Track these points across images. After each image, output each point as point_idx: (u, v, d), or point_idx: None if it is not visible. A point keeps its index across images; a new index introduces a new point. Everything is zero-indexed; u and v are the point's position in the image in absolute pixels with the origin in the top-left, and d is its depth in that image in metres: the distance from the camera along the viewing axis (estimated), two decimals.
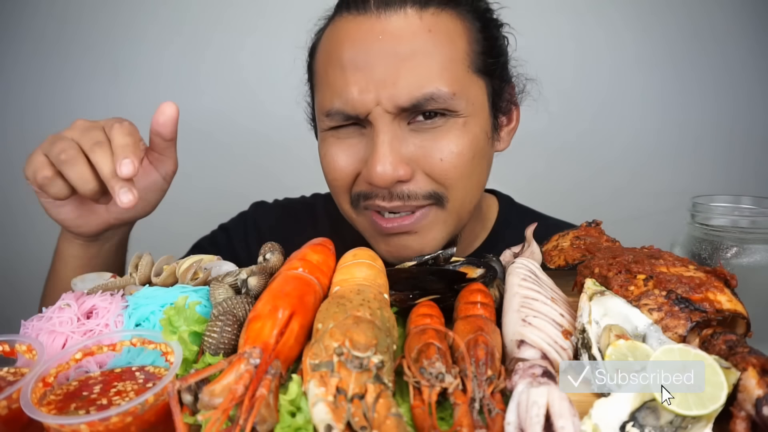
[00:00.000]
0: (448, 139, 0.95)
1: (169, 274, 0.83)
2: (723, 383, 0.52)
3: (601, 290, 0.71)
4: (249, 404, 0.51)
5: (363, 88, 0.91)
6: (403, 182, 0.95)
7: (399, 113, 0.92)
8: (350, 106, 0.93)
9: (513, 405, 0.53)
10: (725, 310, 0.64)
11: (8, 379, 0.61)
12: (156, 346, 0.64)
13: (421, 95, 0.90)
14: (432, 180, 0.96)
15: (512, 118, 1.12)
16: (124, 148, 0.75)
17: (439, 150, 0.94)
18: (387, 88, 0.90)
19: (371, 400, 0.52)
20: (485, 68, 1.00)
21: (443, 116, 0.94)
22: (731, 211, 0.90)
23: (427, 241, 1.01)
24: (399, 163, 0.92)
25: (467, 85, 0.96)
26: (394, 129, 0.93)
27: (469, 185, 1.00)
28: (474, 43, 0.98)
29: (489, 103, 1.02)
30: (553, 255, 0.93)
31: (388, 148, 0.91)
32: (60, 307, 0.73)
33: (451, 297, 0.77)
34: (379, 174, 0.91)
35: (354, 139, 0.98)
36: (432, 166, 0.95)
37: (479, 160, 1.00)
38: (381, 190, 0.95)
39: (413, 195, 0.96)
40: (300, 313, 0.64)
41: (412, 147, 0.94)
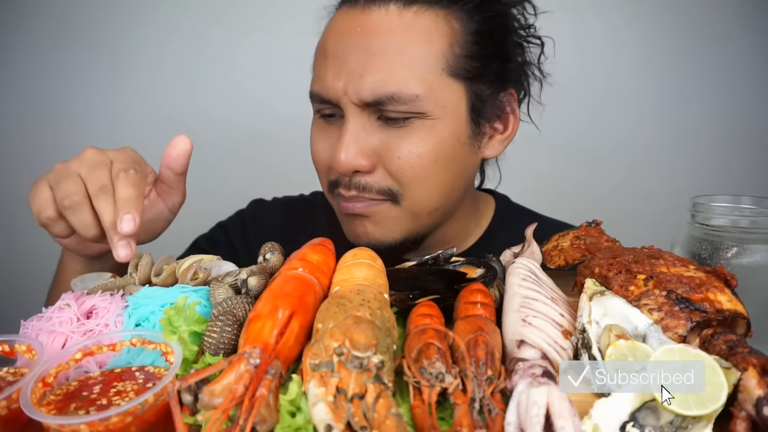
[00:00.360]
0: (410, 139, 0.96)
1: (169, 274, 0.83)
2: (723, 383, 0.52)
3: (601, 290, 0.71)
4: (249, 404, 0.51)
5: (335, 75, 0.96)
6: (363, 174, 0.98)
7: (365, 107, 0.95)
8: (324, 90, 0.98)
9: (513, 405, 0.53)
10: (725, 310, 0.64)
11: (8, 379, 0.61)
12: (156, 346, 0.64)
13: (383, 93, 0.93)
14: (389, 176, 0.98)
15: (508, 126, 1.09)
16: (127, 202, 0.72)
17: (399, 148, 0.96)
18: (354, 81, 0.94)
19: (371, 400, 0.52)
20: (466, 73, 0.98)
21: (405, 120, 0.96)
22: (731, 211, 0.90)
23: (384, 231, 1.03)
24: (360, 154, 0.96)
25: (437, 88, 0.96)
26: (362, 120, 0.96)
27: (427, 188, 1.00)
28: (456, 46, 0.97)
29: (467, 108, 1.00)
30: (553, 255, 0.93)
31: (353, 138, 0.95)
32: (60, 307, 0.73)
33: (451, 297, 0.77)
34: (339, 161, 0.95)
35: (334, 129, 1.02)
36: (390, 162, 0.97)
37: (443, 165, 0.99)
38: (343, 177, 0.99)
39: (368, 187, 0.99)
40: (300, 313, 0.64)
41: (377, 141, 0.97)
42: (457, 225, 1.17)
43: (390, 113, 0.95)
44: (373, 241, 1.03)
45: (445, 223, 1.13)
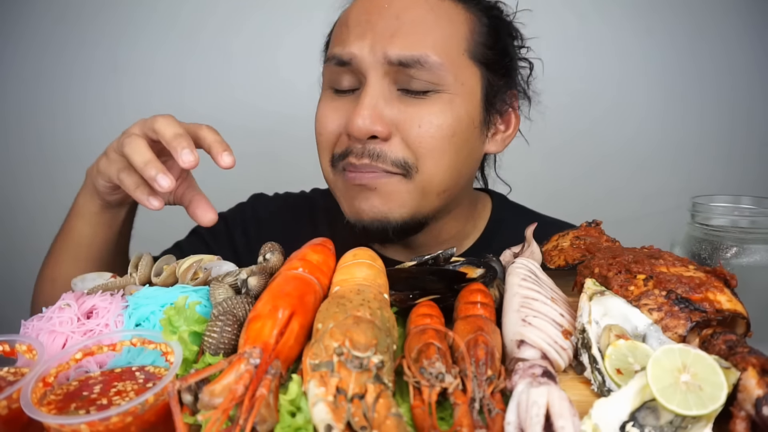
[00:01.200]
0: (430, 110, 0.97)
1: (169, 274, 0.83)
2: (723, 383, 0.52)
3: (601, 290, 0.71)
4: (249, 404, 0.51)
5: (361, 36, 0.97)
6: (378, 141, 0.97)
7: (388, 69, 0.96)
8: (346, 50, 0.98)
9: (513, 405, 0.53)
10: (725, 310, 0.64)
11: (8, 379, 0.61)
12: (156, 346, 0.64)
13: (410, 55, 0.94)
14: (406, 147, 0.98)
15: (510, 125, 1.13)
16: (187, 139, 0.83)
17: (419, 117, 0.97)
18: (382, 41, 0.95)
19: (371, 400, 0.52)
20: (483, 58, 1.03)
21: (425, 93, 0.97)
22: (731, 211, 0.90)
23: (391, 206, 1.00)
24: (378, 119, 0.95)
25: (459, 65, 0.99)
26: (383, 87, 0.97)
27: (441, 162, 0.99)
28: (476, 33, 1.02)
29: (482, 93, 1.03)
30: (553, 255, 0.93)
31: (372, 102, 0.96)
32: (60, 307, 0.73)
33: (451, 297, 0.77)
34: (356, 124, 0.94)
35: (347, 101, 1.02)
36: (409, 131, 0.97)
37: (459, 142, 1.00)
38: (355, 145, 0.98)
39: (383, 156, 0.97)
40: (300, 313, 0.64)
41: (396, 110, 0.97)
42: (456, 224, 1.17)
43: (413, 81, 0.96)
44: (378, 216, 1.01)
45: (443, 221, 1.12)
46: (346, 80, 1.01)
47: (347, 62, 0.98)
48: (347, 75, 1.01)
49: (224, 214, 1.37)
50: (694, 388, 0.53)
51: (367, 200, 1.01)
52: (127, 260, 1.08)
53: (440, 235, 1.15)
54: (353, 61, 0.98)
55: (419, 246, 1.14)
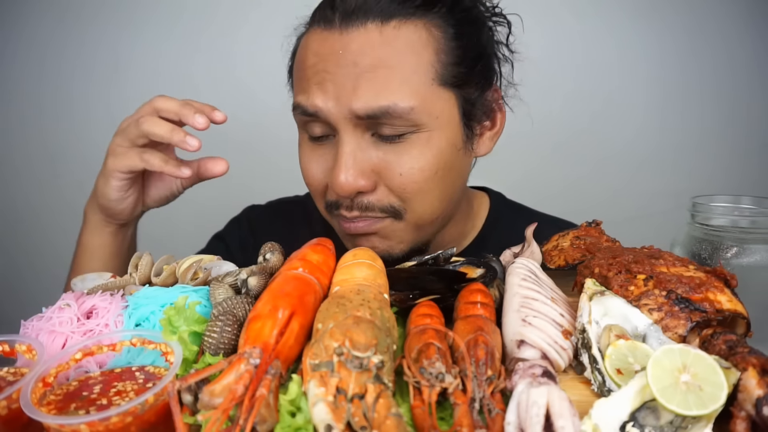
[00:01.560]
0: (409, 154, 0.94)
1: (169, 274, 0.83)
2: (723, 383, 0.52)
3: (601, 290, 0.71)
4: (249, 404, 0.51)
5: (320, 86, 0.93)
6: (365, 194, 0.96)
7: (358, 123, 0.93)
8: (310, 102, 0.94)
9: (513, 405, 0.53)
10: (725, 310, 0.64)
11: (8, 379, 0.61)
12: (156, 346, 0.64)
13: (378, 107, 0.90)
14: (391, 193, 0.97)
15: (496, 122, 1.08)
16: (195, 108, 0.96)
17: (399, 165, 0.94)
18: (345, 97, 0.91)
19: (371, 400, 0.52)
20: (455, 80, 0.97)
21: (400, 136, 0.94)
22: (731, 211, 0.90)
23: (391, 244, 1.02)
24: (359, 174, 0.93)
25: (430, 99, 0.94)
26: (357, 138, 0.94)
27: (428, 200, 0.99)
28: (442, 54, 0.95)
29: (459, 115, 0.99)
30: (553, 255, 0.93)
31: (351, 159, 0.93)
32: (60, 307, 0.73)
33: (451, 297, 0.77)
34: (340, 184, 0.93)
35: (326, 149, 0.99)
36: (391, 180, 0.95)
37: (445, 174, 0.99)
38: (344, 199, 0.97)
39: (371, 207, 0.97)
40: (300, 313, 0.64)
41: (375, 159, 0.95)
42: (455, 228, 1.17)
43: (385, 129, 0.93)
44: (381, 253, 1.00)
45: (443, 229, 1.13)
46: (317, 128, 0.98)
47: (313, 114, 0.95)
48: (317, 124, 0.97)
49: (221, 234, 1.37)
50: (694, 388, 0.53)
51: (368, 242, 1.02)
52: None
53: (442, 240, 1.15)
54: (320, 114, 0.94)
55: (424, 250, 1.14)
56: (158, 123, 0.92)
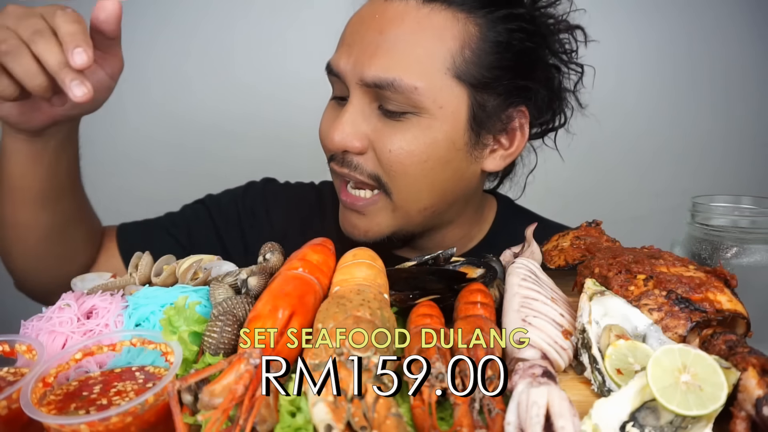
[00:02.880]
0: (404, 135, 0.96)
1: (169, 274, 0.83)
2: (723, 383, 0.52)
3: (601, 290, 0.71)
4: (249, 404, 0.51)
5: (348, 53, 0.98)
6: (354, 154, 1.00)
7: (367, 91, 0.96)
8: (335, 64, 1.00)
9: (513, 405, 0.53)
10: (725, 310, 0.64)
11: (8, 379, 0.61)
12: (156, 346, 0.64)
13: (384, 78, 0.93)
14: (378, 164, 0.99)
15: (513, 142, 1.06)
16: (74, 36, 0.67)
17: (391, 141, 0.97)
18: (361, 61, 0.95)
19: (371, 400, 0.52)
20: (472, 78, 0.96)
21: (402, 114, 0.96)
22: (731, 211, 0.90)
23: (372, 225, 1.04)
24: (353, 136, 0.97)
25: (438, 86, 0.95)
26: (363, 104, 0.98)
27: (415, 186, 1.00)
28: (468, 50, 0.95)
29: (468, 114, 0.98)
30: (553, 255, 0.93)
31: (350, 118, 0.98)
32: (60, 307, 0.73)
33: (451, 297, 0.77)
34: (332, 138, 0.98)
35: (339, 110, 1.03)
36: (381, 152, 0.98)
37: (436, 167, 0.98)
38: (337, 153, 1.01)
39: (360, 168, 1.00)
40: (300, 313, 0.64)
41: (372, 128, 0.98)
42: (460, 230, 1.17)
43: (389, 103, 0.96)
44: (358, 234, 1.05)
45: (446, 229, 1.13)
46: (339, 89, 1.03)
47: (336, 74, 1.00)
48: (338, 84, 1.02)
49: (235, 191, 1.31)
50: (694, 389, 0.53)
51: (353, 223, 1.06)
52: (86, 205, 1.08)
53: (444, 241, 1.15)
54: (340, 76, 0.99)
55: (426, 249, 1.14)
56: (29, 63, 0.69)
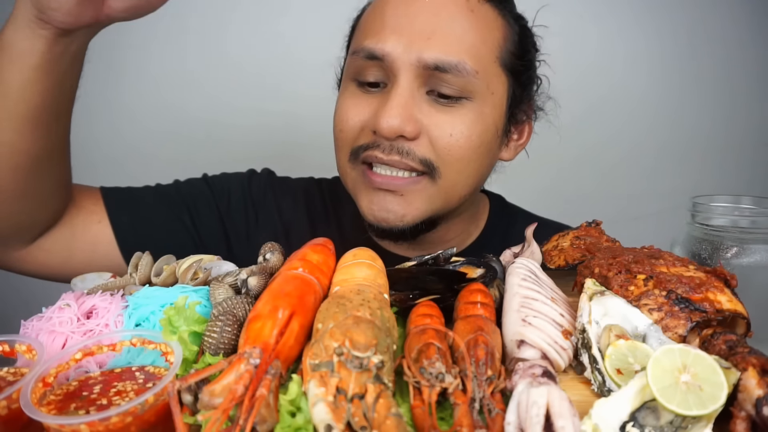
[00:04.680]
0: (462, 119, 0.96)
1: (169, 274, 0.83)
2: (723, 383, 0.52)
3: (601, 290, 0.71)
4: (249, 404, 0.51)
5: (398, 33, 0.94)
6: (405, 139, 0.96)
7: (421, 72, 0.93)
8: (379, 46, 0.94)
9: (513, 405, 0.53)
10: (725, 310, 0.64)
11: (8, 379, 0.61)
12: (156, 346, 0.64)
13: (447, 60, 0.92)
14: (432, 149, 0.97)
15: (523, 134, 1.14)
16: None
17: (451, 126, 0.96)
18: (419, 41, 0.93)
19: (371, 400, 0.52)
20: (512, 68, 1.02)
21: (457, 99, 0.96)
22: (731, 211, 0.90)
23: (410, 209, 1.00)
24: (408, 119, 0.93)
25: (491, 73, 0.98)
26: (412, 88, 0.95)
27: (465, 171, 1.00)
28: (508, 41, 1.01)
29: (507, 102, 1.03)
30: (553, 255, 0.93)
31: (402, 101, 0.93)
32: (60, 307, 0.73)
33: (451, 297, 0.77)
34: (387, 122, 0.92)
35: (372, 97, 0.99)
36: (439, 137, 0.96)
37: (483, 152, 1.01)
38: (383, 141, 0.96)
39: (412, 154, 0.96)
40: (300, 313, 0.64)
41: (425, 113, 0.96)
42: (461, 225, 1.18)
43: (444, 87, 0.94)
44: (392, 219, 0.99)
45: (452, 222, 1.13)
46: (372, 74, 0.98)
47: (379, 57, 0.95)
48: (374, 69, 0.97)
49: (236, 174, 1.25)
50: (694, 388, 0.53)
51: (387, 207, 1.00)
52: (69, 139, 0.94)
53: (447, 234, 1.16)
54: (386, 59, 0.94)
55: (426, 243, 1.14)
56: None
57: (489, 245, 1.19)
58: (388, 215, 1.00)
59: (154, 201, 1.12)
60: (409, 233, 1.02)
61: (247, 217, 1.20)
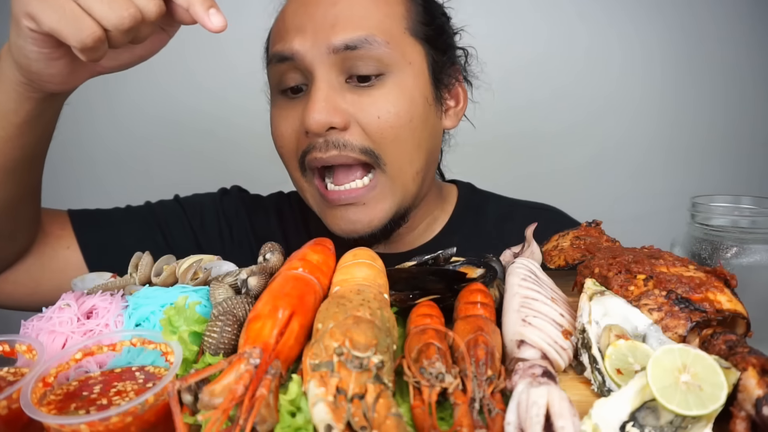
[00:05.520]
0: (386, 98, 0.96)
1: (169, 274, 0.83)
2: (723, 383, 0.52)
3: (601, 290, 0.71)
4: (249, 404, 0.51)
5: (298, 28, 0.95)
6: (337, 131, 0.96)
7: (333, 60, 0.94)
8: (287, 46, 0.96)
9: (513, 405, 0.53)
10: (725, 310, 0.64)
11: (8, 379, 0.61)
12: (156, 346, 0.64)
13: (356, 37, 0.93)
14: (366, 136, 0.97)
15: (459, 99, 1.14)
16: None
17: (376, 108, 0.95)
18: (322, 32, 0.94)
19: (371, 400, 0.52)
20: (423, 35, 1.03)
21: (377, 77, 0.96)
22: (731, 211, 0.90)
23: (375, 213, 1.00)
24: (333, 111, 0.94)
25: (403, 43, 0.99)
26: (331, 80, 0.95)
27: (406, 149, 0.99)
28: (412, 11, 1.02)
29: (429, 70, 1.03)
30: (553, 255, 0.93)
31: (323, 95, 0.94)
32: (60, 307, 0.73)
33: (451, 297, 0.77)
34: (313, 119, 0.92)
35: (298, 103, 0.99)
36: (368, 122, 0.96)
37: (418, 125, 1.00)
38: (317, 139, 0.96)
39: (348, 145, 0.96)
40: (300, 313, 0.64)
41: (349, 101, 0.96)
42: (427, 209, 1.17)
43: (361, 67, 0.94)
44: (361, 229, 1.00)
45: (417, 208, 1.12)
46: (291, 78, 0.99)
47: (290, 57, 0.96)
48: (292, 72, 0.99)
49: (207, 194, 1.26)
50: (694, 388, 0.53)
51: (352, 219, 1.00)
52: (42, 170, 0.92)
53: (413, 222, 1.14)
54: (296, 57, 0.95)
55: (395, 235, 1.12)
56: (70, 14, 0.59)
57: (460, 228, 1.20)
58: (355, 226, 1.01)
59: (125, 222, 1.12)
60: (380, 235, 1.03)
61: (221, 235, 1.21)
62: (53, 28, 0.62)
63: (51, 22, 0.61)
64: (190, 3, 0.66)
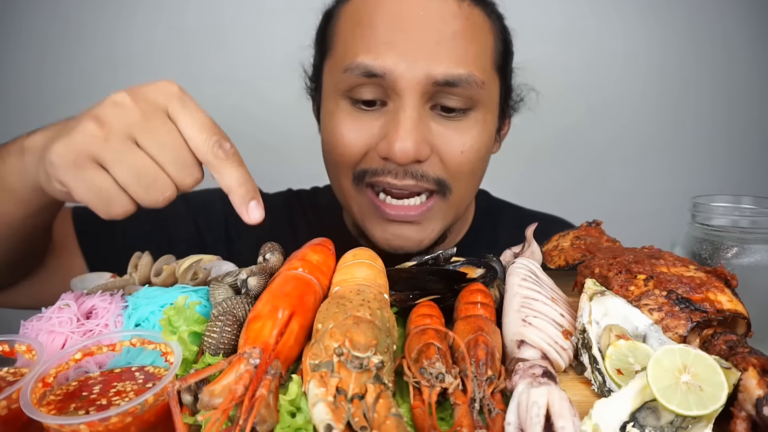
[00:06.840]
0: (470, 133, 0.95)
1: (168, 274, 0.83)
2: (723, 383, 0.52)
3: (601, 290, 0.71)
4: (249, 404, 0.51)
5: (393, 46, 0.88)
6: (419, 162, 0.94)
7: (427, 90, 0.90)
8: (378, 63, 0.89)
9: (513, 405, 0.53)
10: (726, 310, 0.64)
11: (8, 379, 0.61)
12: (156, 346, 0.64)
13: (457, 74, 0.89)
14: (443, 167, 0.96)
15: (504, 126, 1.14)
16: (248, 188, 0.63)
17: (460, 142, 0.94)
18: (424, 61, 0.88)
19: (371, 401, 0.52)
20: (500, 67, 1.01)
21: (463, 111, 0.94)
22: (731, 211, 0.90)
23: (427, 233, 1.01)
24: (422, 143, 0.91)
25: (492, 80, 0.97)
26: (419, 107, 0.91)
27: (472, 181, 1.01)
28: (497, 42, 1.00)
29: (499, 103, 1.03)
30: (553, 255, 0.93)
31: (413, 125, 0.89)
32: (60, 307, 0.73)
33: (451, 297, 0.76)
34: (401, 150, 0.89)
35: (372, 117, 0.94)
36: (450, 156, 0.94)
37: (487, 158, 1.02)
38: (395, 167, 0.93)
39: (426, 176, 0.95)
40: (300, 313, 0.63)
41: (433, 131, 0.94)
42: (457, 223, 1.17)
43: (451, 100, 0.91)
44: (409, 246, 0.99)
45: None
46: (369, 91, 0.92)
47: (378, 75, 0.89)
48: (372, 86, 0.92)
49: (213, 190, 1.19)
50: (695, 389, 0.53)
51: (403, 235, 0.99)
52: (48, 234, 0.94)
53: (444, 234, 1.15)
54: (387, 77, 0.89)
55: None
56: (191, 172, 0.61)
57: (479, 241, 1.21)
58: (405, 243, 0.99)
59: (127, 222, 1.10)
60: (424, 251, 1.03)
61: (228, 230, 1.19)
62: (85, 201, 0.61)
63: (83, 199, 0.61)
64: (231, 189, 0.63)
